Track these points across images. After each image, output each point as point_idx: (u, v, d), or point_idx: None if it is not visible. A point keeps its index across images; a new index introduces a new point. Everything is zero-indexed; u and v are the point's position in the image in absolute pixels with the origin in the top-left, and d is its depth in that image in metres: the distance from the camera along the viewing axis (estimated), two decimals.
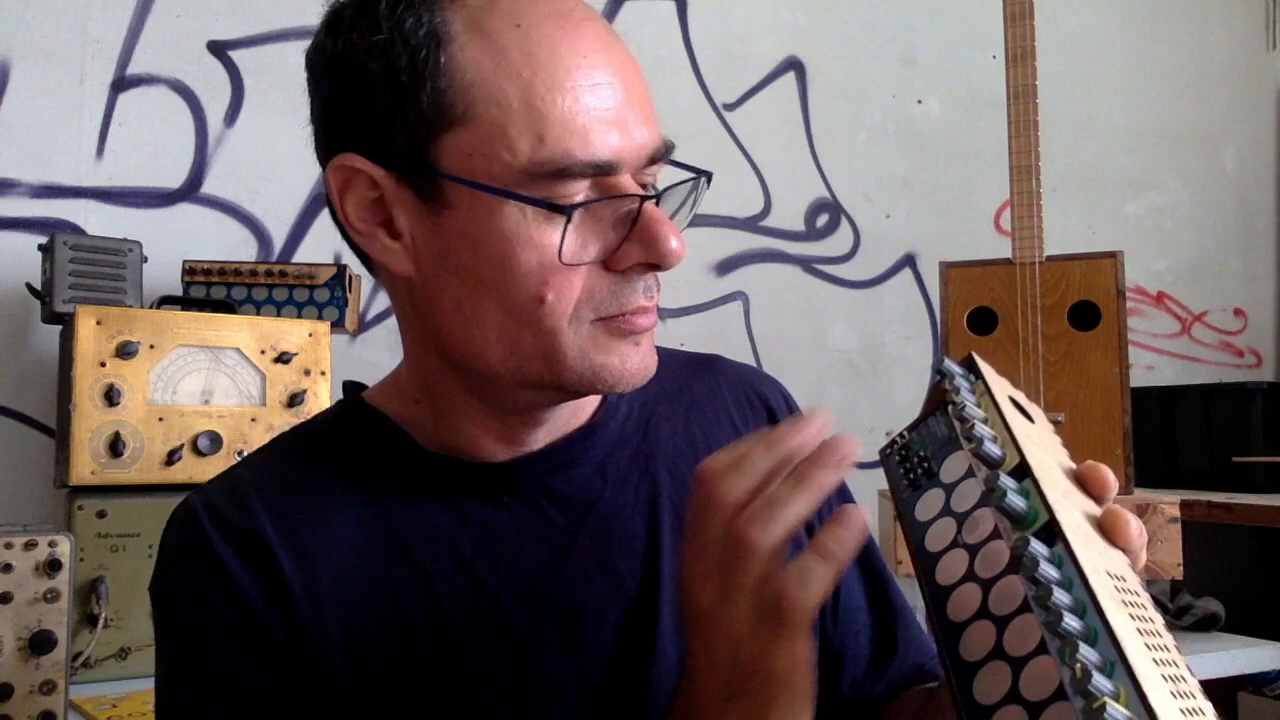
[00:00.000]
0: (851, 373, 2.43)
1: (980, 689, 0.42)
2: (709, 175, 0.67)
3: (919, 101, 2.54)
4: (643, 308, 0.63)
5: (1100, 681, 0.37)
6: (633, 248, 0.61)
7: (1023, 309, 1.81)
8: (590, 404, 0.72)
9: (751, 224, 2.35)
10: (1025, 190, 1.80)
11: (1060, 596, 0.41)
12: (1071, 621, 0.40)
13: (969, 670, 0.43)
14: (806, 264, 2.41)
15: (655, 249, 0.60)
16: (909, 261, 2.51)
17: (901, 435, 0.58)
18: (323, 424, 0.74)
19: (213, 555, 0.63)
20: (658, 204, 0.62)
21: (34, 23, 1.72)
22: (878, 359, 2.48)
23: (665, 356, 0.79)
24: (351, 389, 0.74)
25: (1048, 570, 0.42)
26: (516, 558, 0.66)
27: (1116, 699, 0.37)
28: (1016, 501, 0.46)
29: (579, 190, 0.59)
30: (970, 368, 0.60)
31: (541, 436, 0.69)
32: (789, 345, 2.35)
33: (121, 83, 1.79)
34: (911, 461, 0.56)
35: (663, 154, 0.63)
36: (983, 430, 0.52)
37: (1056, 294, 1.79)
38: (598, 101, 0.59)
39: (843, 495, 0.77)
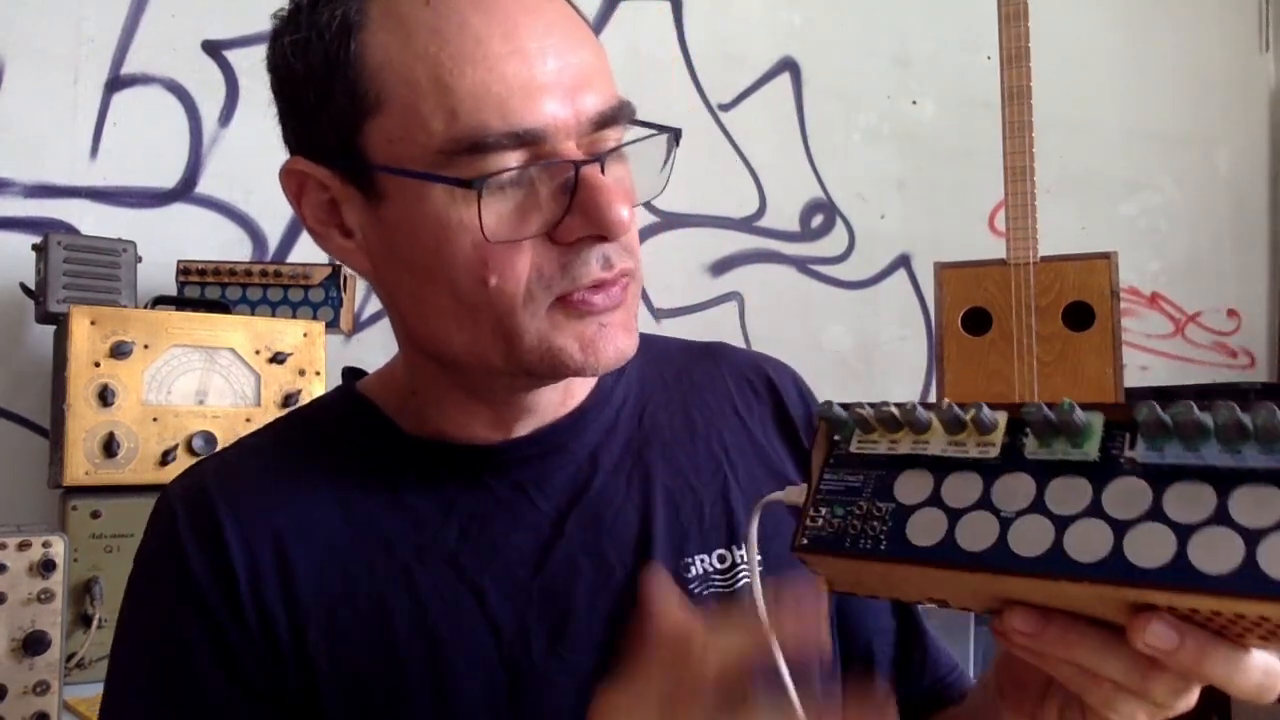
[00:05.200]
0: (847, 373, 2.43)
1: None
2: (676, 132, 0.62)
3: (914, 102, 2.55)
4: (599, 281, 0.58)
5: None
6: (574, 219, 0.57)
7: (1017, 309, 1.81)
8: (583, 388, 0.70)
9: (746, 224, 2.35)
10: (1020, 191, 1.80)
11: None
12: None
13: None
14: (801, 264, 2.41)
15: (594, 217, 0.56)
16: (904, 262, 2.52)
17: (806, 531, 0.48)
18: (313, 411, 0.74)
19: (183, 560, 0.63)
20: (603, 169, 0.57)
21: (28, 22, 1.72)
22: (873, 360, 2.48)
23: (666, 344, 0.78)
24: (348, 376, 0.74)
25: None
26: (501, 548, 0.64)
27: None
28: (1080, 415, 0.42)
29: (509, 164, 0.56)
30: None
31: (532, 422, 0.67)
32: (784, 346, 2.33)
33: (116, 82, 1.78)
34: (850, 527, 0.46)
35: (614, 116, 0.59)
36: (958, 412, 0.45)
37: (1051, 294, 1.80)
38: (518, 69, 0.55)
39: None
